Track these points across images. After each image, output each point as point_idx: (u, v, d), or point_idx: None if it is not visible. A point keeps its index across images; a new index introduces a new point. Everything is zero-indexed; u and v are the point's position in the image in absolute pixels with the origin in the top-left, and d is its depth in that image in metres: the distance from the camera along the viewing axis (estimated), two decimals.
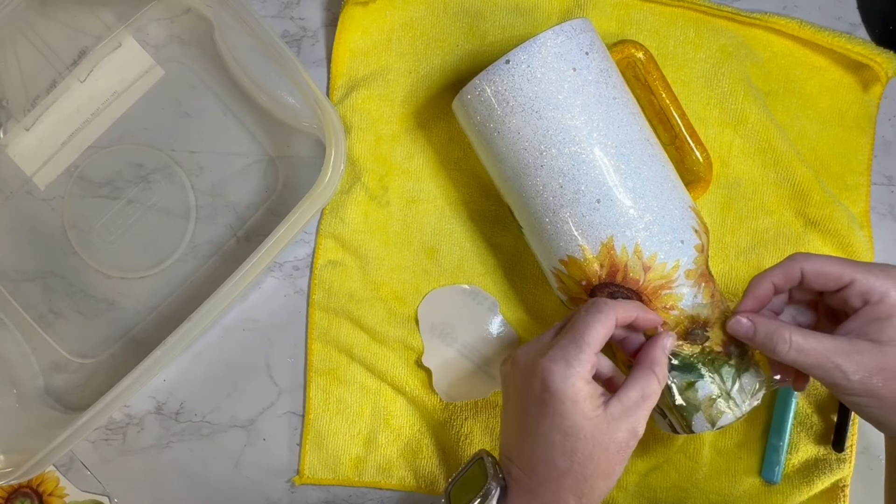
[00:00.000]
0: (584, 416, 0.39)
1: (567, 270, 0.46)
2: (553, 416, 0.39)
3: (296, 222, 0.49)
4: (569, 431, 0.39)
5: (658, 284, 0.45)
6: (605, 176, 0.44)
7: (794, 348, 0.40)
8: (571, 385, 0.39)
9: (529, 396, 0.40)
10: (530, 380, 0.40)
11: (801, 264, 0.42)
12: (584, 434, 0.39)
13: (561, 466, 0.39)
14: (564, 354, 0.39)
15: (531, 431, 0.40)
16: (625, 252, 0.44)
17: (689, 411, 0.46)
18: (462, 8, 0.56)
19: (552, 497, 0.39)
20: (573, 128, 0.44)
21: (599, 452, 0.39)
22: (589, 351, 0.40)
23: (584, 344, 0.39)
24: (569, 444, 0.39)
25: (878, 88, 0.55)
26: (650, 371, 0.41)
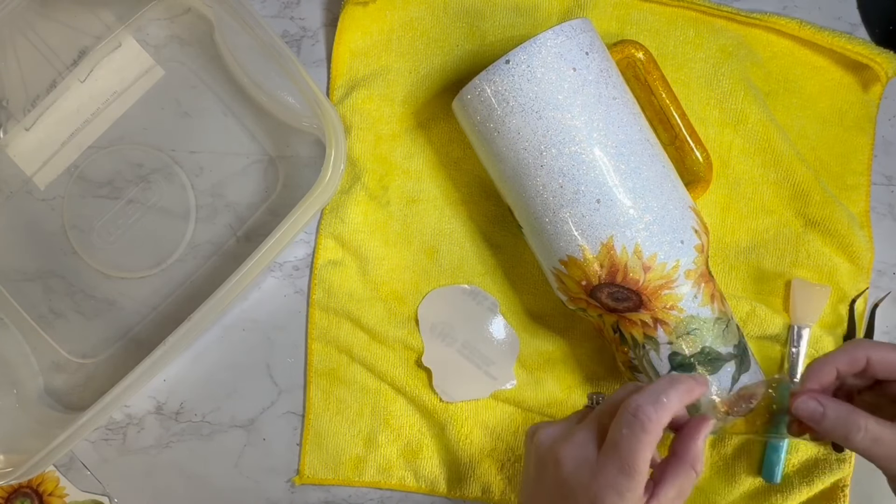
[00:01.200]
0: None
1: (567, 270, 0.46)
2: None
3: (296, 222, 0.49)
4: None
5: (658, 284, 0.45)
6: (605, 176, 0.44)
7: (868, 437, 0.38)
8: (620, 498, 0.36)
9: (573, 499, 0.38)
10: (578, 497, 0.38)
11: (868, 352, 0.39)
12: None
13: None
14: (616, 486, 0.36)
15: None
16: (625, 252, 0.44)
17: (689, 412, 0.46)
18: (462, 8, 0.56)
19: None
20: (573, 128, 0.44)
21: None
22: (640, 478, 0.37)
23: (634, 472, 0.36)
24: None
25: (878, 88, 0.55)
26: (690, 468, 0.38)
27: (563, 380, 0.55)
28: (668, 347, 0.46)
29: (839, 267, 0.54)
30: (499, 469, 0.55)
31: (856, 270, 0.54)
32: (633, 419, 0.37)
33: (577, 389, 0.55)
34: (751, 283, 0.55)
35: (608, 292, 0.46)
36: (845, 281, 0.54)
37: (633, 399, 0.37)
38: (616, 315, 0.47)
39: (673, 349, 0.46)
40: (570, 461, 0.38)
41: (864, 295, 0.55)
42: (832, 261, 0.54)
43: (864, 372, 0.40)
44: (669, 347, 0.46)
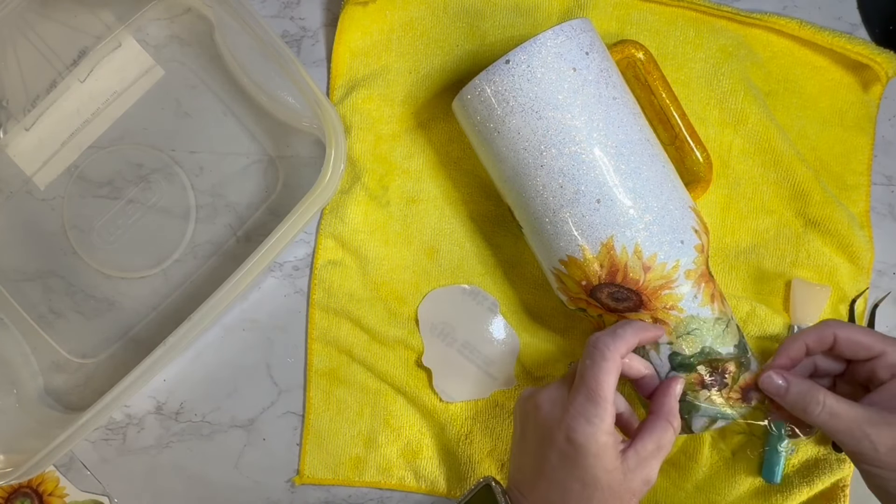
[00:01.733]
0: (604, 470, 0.40)
1: (567, 270, 0.46)
2: (574, 467, 0.41)
3: (296, 222, 0.49)
4: (588, 482, 0.40)
5: (658, 284, 0.45)
6: (605, 176, 0.44)
7: (825, 411, 0.41)
8: (595, 441, 0.40)
9: (551, 446, 0.42)
10: (553, 432, 0.42)
11: (835, 330, 0.43)
12: (602, 485, 0.40)
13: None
14: (585, 413, 0.40)
15: (548, 476, 0.42)
16: (625, 252, 0.44)
17: (690, 411, 0.46)
18: (462, 8, 0.56)
19: None
20: (573, 128, 0.44)
21: (614, 500, 0.40)
22: (606, 405, 0.41)
23: (600, 399, 0.41)
24: (586, 493, 0.40)
25: (878, 88, 0.55)
26: (666, 422, 0.42)
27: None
28: (669, 347, 0.46)
29: (839, 267, 0.54)
30: (499, 469, 0.55)
31: (856, 270, 0.54)
32: (594, 349, 0.42)
33: None
34: (751, 283, 0.55)
35: (608, 292, 0.46)
36: (845, 281, 0.54)
37: (593, 336, 0.42)
38: (616, 315, 0.47)
39: (673, 349, 0.46)
40: (547, 403, 0.43)
41: (864, 295, 0.55)
42: (832, 261, 0.54)
43: (831, 350, 0.43)
44: (669, 347, 0.46)
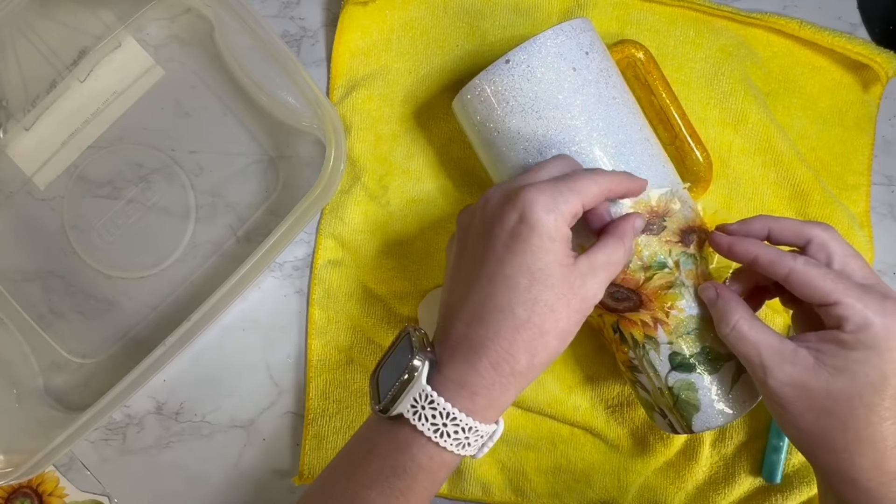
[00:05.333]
0: (557, 261, 0.36)
1: None
2: (524, 253, 0.35)
3: (296, 222, 0.49)
4: (538, 275, 0.35)
5: (658, 284, 0.45)
6: None
7: (734, 332, 0.40)
8: (554, 219, 0.36)
9: (499, 232, 0.36)
10: (505, 212, 0.36)
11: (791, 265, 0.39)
12: (553, 281, 0.35)
13: (520, 316, 0.35)
14: (555, 189, 0.36)
15: (490, 276, 0.36)
16: None
17: (689, 411, 0.46)
18: (462, 8, 0.56)
19: (503, 352, 0.36)
20: (573, 128, 0.44)
21: (562, 306, 0.36)
22: (579, 197, 0.37)
23: (576, 188, 0.37)
24: (535, 290, 0.35)
25: (878, 88, 0.55)
26: (619, 240, 0.39)
27: (563, 380, 0.55)
28: (669, 347, 0.46)
29: None
30: (499, 469, 0.55)
31: None
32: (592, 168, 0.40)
33: (577, 389, 0.55)
34: None
35: (608, 292, 0.46)
36: None
37: None
38: (616, 315, 0.47)
39: (673, 349, 0.46)
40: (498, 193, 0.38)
41: None
42: None
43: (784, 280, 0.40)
44: (669, 347, 0.46)
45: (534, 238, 0.35)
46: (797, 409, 0.39)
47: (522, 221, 0.36)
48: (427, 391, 0.36)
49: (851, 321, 0.38)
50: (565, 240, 0.37)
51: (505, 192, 0.38)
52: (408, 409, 0.36)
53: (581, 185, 0.38)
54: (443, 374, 0.36)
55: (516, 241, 0.36)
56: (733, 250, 0.42)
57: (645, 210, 0.44)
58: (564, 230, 0.36)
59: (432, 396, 0.36)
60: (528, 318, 0.35)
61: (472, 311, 0.36)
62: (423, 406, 0.36)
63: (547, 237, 0.36)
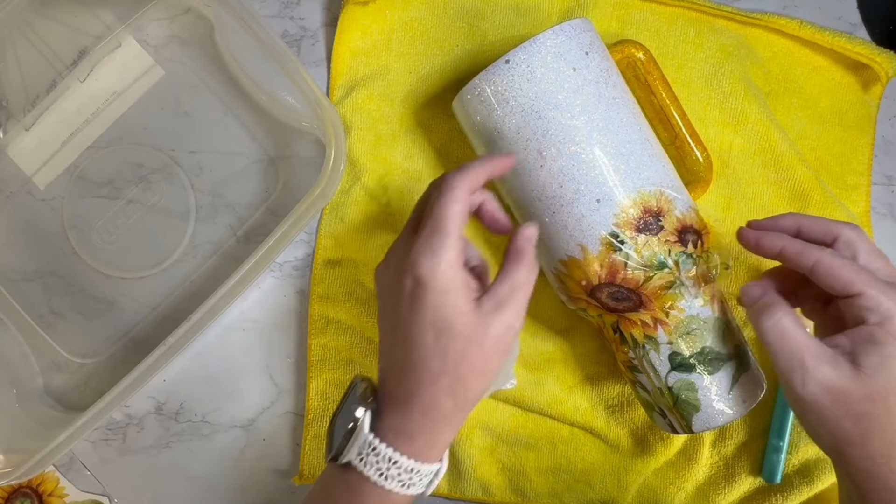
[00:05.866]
0: (456, 311, 0.37)
1: (567, 270, 0.46)
2: (424, 311, 0.37)
3: (296, 222, 0.49)
4: (441, 328, 0.37)
5: (658, 285, 0.45)
6: (605, 176, 0.44)
7: (776, 328, 0.39)
8: (441, 273, 0.37)
9: (402, 296, 0.39)
10: (401, 278, 0.39)
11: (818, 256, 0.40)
12: (457, 331, 0.37)
13: (434, 368, 0.38)
14: (429, 245, 0.38)
15: (404, 336, 0.38)
16: (624, 253, 0.44)
17: (689, 411, 0.46)
18: (462, 8, 0.56)
19: (428, 402, 0.38)
20: (573, 128, 0.44)
21: (473, 350, 0.37)
22: (450, 236, 0.38)
23: (444, 230, 0.38)
24: (442, 342, 0.37)
25: (878, 88, 0.55)
26: (517, 261, 0.39)
27: (563, 380, 0.55)
28: (668, 347, 0.46)
29: None
30: (499, 469, 0.55)
31: None
32: (441, 183, 0.40)
33: (577, 389, 0.55)
34: None
35: (608, 292, 0.46)
36: None
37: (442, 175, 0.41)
38: (616, 315, 0.47)
39: (673, 349, 0.46)
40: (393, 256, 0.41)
41: None
42: None
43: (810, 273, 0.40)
44: (669, 347, 0.46)
45: (429, 297, 0.37)
46: (834, 416, 0.38)
47: (416, 285, 0.38)
48: (369, 439, 0.39)
49: (875, 312, 0.37)
50: (459, 285, 0.38)
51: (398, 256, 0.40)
52: (355, 457, 0.39)
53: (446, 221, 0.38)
54: (383, 422, 0.39)
55: (416, 303, 0.38)
56: (761, 244, 0.43)
57: (642, 209, 0.44)
58: (454, 276, 0.38)
59: (374, 444, 0.38)
60: (443, 368, 0.38)
61: (397, 368, 0.39)
62: (367, 453, 0.39)
63: (440, 291, 0.37)
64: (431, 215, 0.39)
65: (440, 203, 0.39)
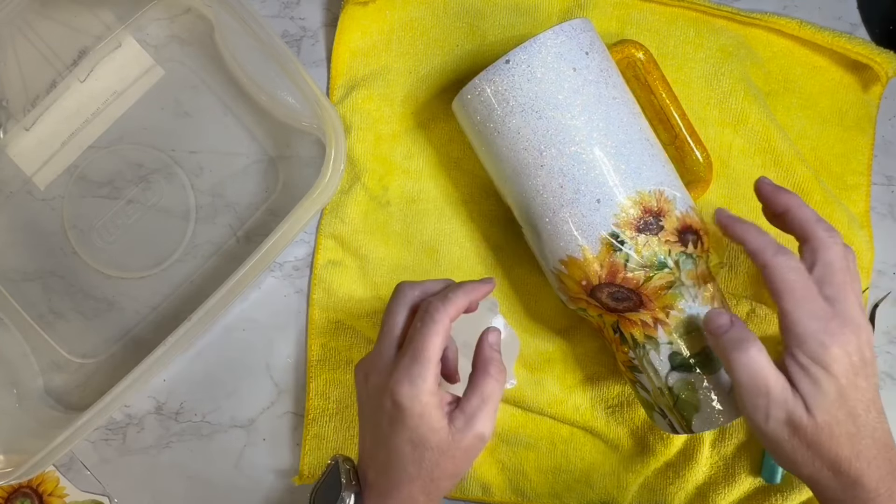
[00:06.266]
0: (430, 429, 0.41)
1: (567, 270, 0.46)
2: (403, 429, 0.41)
3: (296, 222, 0.49)
4: (417, 443, 0.41)
5: (658, 285, 0.45)
6: (606, 176, 0.44)
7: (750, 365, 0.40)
8: (418, 402, 0.41)
9: (381, 412, 0.42)
10: (381, 397, 0.42)
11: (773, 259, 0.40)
12: (431, 445, 0.41)
13: (411, 472, 0.42)
14: (409, 374, 0.41)
15: (384, 442, 0.43)
16: (624, 253, 0.44)
17: (689, 411, 0.46)
18: (462, 8, 0.56)
19: (405, 497, 0.42)
20: (573, 128, 0.44)
21: (445, 460, 0.41)
22: (429, 365, 0.41)
23: (424, 360, 0.41)
24: (417, 453, 0.41)
25: (878, 88, 0.55)
26: (485, 373, 0.43)
27: (563, 380, 0.55)
28: (669, 347, 0.46)
29: None
30: (499, 469, 0.55)
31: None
32: (425, 314, 0.42)
33: (577, 389, 0.55)
34: (751, 283, 0.55)
35: (608, 292, 0.46)
36: None
37: (426, 301, 0.43)
38: (616, 315, 0.47)
39: (673, 349, 0.46)
40: (374, 372, 0.44)
41: (864, 295, 0.55)
42: None
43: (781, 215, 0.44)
44: (669, 347, 0.46)
45: (406, 419, 0.41)
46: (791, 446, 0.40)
47: (395, 408, 0.41)
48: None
49: (790, 332, 0.40)
50: (433, 408, 0.41)
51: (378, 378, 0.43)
52: None
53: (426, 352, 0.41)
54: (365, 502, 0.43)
55: (395, 423, 0.42)
56: (728, 228, 0.43)
57: (642, 209, 0.44)
58: (429, 402, 0.41)
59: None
60: (419, 473, 0.42)
61: (378, 465, 0.43)
62: None
63: (416, 416, 0.41)
64: (412, 343, 0.42)
65: (423, 334, 0.42)
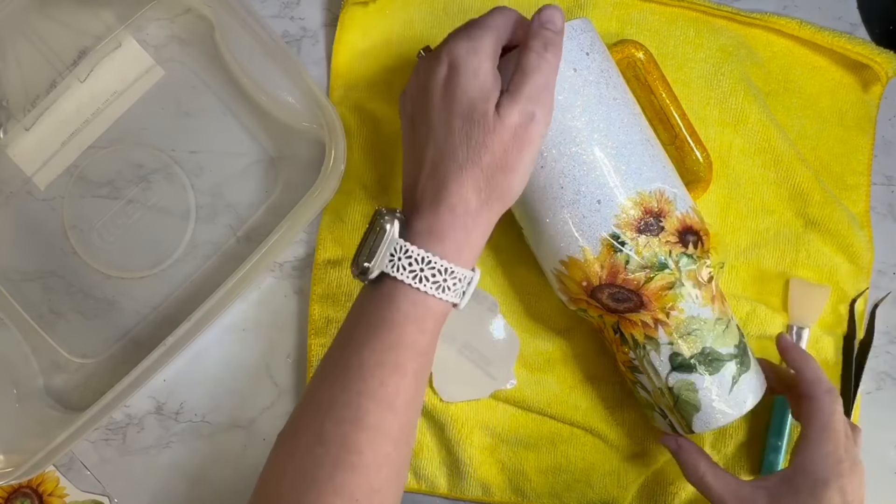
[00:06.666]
0: (482, 96, 0.38)
1: (567, 271, 0.46)
2: (455, 94, 0.38)
3: (296, 222, 0.49)
4: (467, 113, 0.38)
5: (659, 285, 0.45)
6: (606, 177, 0.44)
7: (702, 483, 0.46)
8: (475, 56, 0.38)
9: (434, 87, 0.39)
10: (435, 68, 0.39)
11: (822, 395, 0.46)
12: (478, 116, 0.38)
13: (460, 158, 0.38)
14: (466, 32, 0.39)
15: (437, 129, 0.39)
16: (625, 254, 0.44)
17: (689, 412, 0.46)
18: (462, 8, 0.56)
19: (455, 197, 0.39)
20: (574, 129, 0.44)
21: (492, 139, 0.38)
22: (491, 30, 0.39)
23: (486, 25, 0.39)
24: (466, 128, 0.38)
25: (878, 88, 0.55)
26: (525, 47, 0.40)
27: (563, 380, 0.55)
28: (669, 348, 0.46)
29: (839, 267, 0.54)
30: (499, 469, 0.55)
31: (856, 270, 0.54)
32: None
33: (577, 389, 0.55)
34: (751, 283, 0.55)
35: (609, 293, 0.46)
36: (845, 281, 0.54)
37: None
38: (616, 316, 0.47)
39: (673, 350, 0.46)
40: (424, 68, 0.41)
41: (864, 295, 0.55)
42: (832, 261, 0.54)
43: None
44: (670, 348, 0.46)
45: (461, 79, 0.38)
46: None
47: (450, 69, 0.38)
48: (400, 243, 0.39)
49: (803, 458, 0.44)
50: (489, 73, 0.38)
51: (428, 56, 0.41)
52: (387, 265, 0.39)
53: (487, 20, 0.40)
54: (412, 227, 0.40)
55: (448, 88, 0.38)
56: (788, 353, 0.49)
57: (643, 210, 0.44)
58: (486, 64, 0.38)
59: (406, 247, 0.38)
60: (467, 157, 0.38)
61: (429, 165, 0.40)
62: (399, 258, 0.39)
63: (471, 75, 0.38)
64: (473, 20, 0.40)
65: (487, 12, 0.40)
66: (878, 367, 0.56)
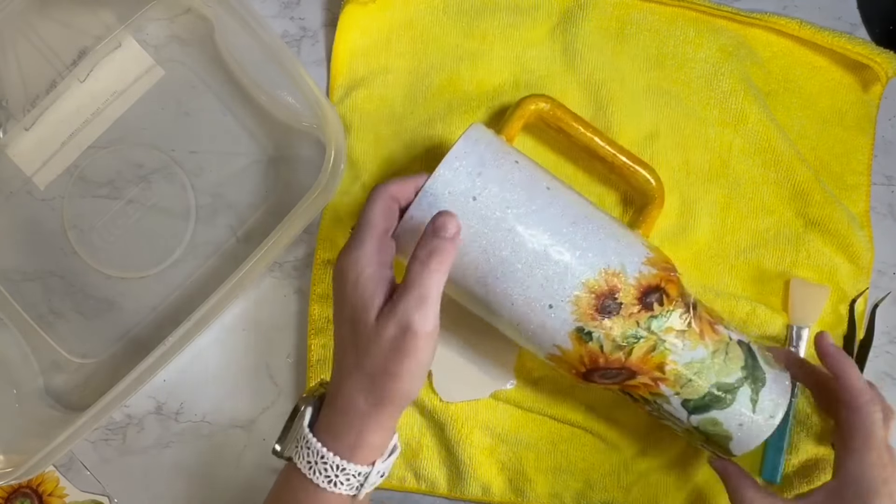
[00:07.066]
0: (362, 304, 0.38)
1: (554, 364, 0.46)
2: (342, 305, 0.39)
3: (296, 222, 0.49)
4: (351, 321, 0.39)
5: (641, 354, 0.44)
6: (545, 283, 0.42)
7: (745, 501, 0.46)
8: (354, 267, 0.39)
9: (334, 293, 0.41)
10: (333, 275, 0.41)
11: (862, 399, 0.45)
12: (360, 326, 0.38)
13: (349, 364, 0.39)
14: (351, 240, 0.40)
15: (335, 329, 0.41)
16: (597, 341, 0.43)
17: (723, 442, 0.46)
18: (462, 7, 0.56)
19: (347, 396, 0.40)
20: (497, 257, 0.42)
21: (373, 348, 0.38)
22: (369, 229, 0.40)
23: (364, 224, 0.40)
24: (351, 335, 0.39)
25: (878, 88, 0.55)
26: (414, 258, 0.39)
27: (563, 380, 0.55)
28: (678, 397, 0.45)
29: (839, 267, 0.54)
30: (499, 469, 0.55)
31: (856, 270, 0.54)
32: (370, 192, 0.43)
33: (577, 389, 0.55)
34: (751, 283, 0.55)
35: (598, 374, 0.45)
36: (845, 281, 0.54)
37: None
38: (618, 384, 0.47)
39: (683, 397, 0.45)
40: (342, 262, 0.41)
41: (864, 295, 0.55)
42: (832, 261, 0.54)
43: None
44: (678, 397, 0.45)
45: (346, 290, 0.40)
46: None
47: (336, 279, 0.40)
48: (304, 432, 0.40)
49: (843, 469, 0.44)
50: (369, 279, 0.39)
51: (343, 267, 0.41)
52: (293, 450, 0.41)
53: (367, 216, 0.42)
54: (319, 419, 0.41)
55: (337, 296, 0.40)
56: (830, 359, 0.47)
57: (594, 297, 0.43)
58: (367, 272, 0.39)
59: (308, 438, 0.40)
60: (355, 363, 0.39)
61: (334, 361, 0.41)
62: (301, 447, 0.40)
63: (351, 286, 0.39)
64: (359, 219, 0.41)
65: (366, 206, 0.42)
66: (878, 367, 0.56)
